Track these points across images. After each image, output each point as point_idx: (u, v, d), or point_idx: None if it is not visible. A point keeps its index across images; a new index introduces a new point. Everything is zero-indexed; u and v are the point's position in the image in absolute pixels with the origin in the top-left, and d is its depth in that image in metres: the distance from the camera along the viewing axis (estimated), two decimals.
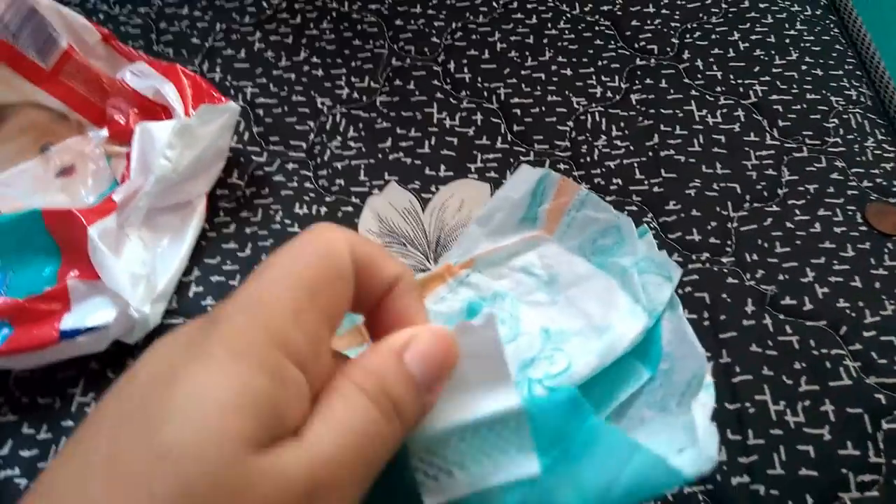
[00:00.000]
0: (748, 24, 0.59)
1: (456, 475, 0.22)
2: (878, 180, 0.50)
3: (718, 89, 0.55)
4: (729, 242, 0.47)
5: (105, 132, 0.50)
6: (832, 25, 0.60)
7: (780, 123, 0.53)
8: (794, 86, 0.55)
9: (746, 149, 0.51)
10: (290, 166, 0.50)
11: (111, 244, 0.41)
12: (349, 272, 0.21)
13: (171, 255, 0.44)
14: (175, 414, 0.16)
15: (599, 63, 0.57)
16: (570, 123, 0.53)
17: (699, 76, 0.56)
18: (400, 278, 0.22)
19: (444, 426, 0.22)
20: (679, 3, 0.61)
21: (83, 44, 0.49)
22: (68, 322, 0.38)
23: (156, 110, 0.48)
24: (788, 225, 0.47)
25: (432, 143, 0.52)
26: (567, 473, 0.22)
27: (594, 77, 0.56)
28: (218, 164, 0.48)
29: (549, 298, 0.40)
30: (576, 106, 0.54)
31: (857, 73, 0.57)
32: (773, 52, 0.57)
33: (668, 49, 0.58)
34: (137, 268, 0.41)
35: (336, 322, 0.20)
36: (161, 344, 0.19)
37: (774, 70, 0.56)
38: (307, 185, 0.50)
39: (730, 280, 0.45)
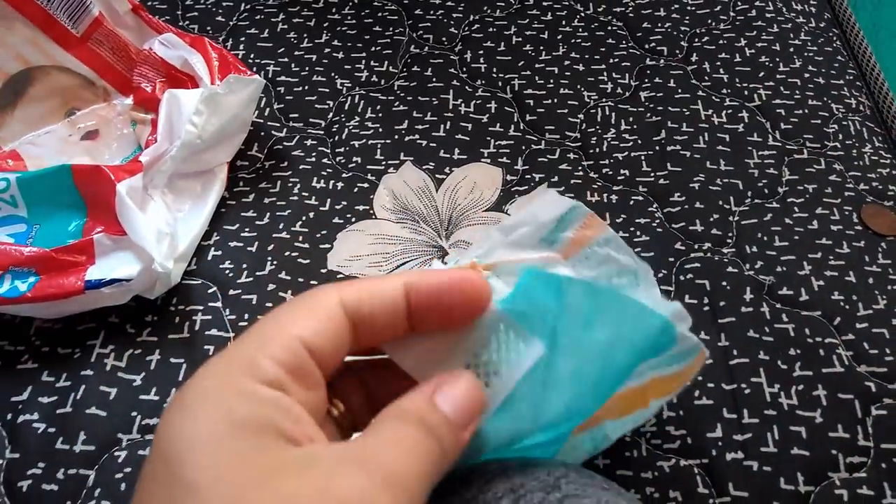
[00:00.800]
0: (755, 32, 0.61)
1: (501, 374, 0.24)
2: (875, 184, 0.52)
3: (724, 91, 0.57)
4: (730, 234, 0.48)
5: (130, 100, 0.52)
6: (835, 38, 0.63)
7: (783, 126, 0.55)
8: (797, 92, 0.57)
9: (749, 148, 0.53)
10: (309, 142, 0.52)
11: (137, 203, 0.42)
12: (325, 304, 0.22)
13: (192, 219, 0.46)
14: (187, 454, 0.18)
15: (611, 60, 0.59)
16: (581, 116, 0.55)
17: (706, 78, 0.58)
18: (407, 283, 0.23)
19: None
20: (689, 8, 0.63)
21: (113, 12, 0.51)
22: (93, 274, 0.40)
23: (182, 80, 0.49)
24: (787, 221, 0.49)
25: (447, 127, 0.53)
26: (573, 345, 0.25)
27: (605, 73, 0.58)
28: (240, 135, 0.49)
29: None
30: (587, 100, 0.56)
31: (857, 83, 0.59)
32: (777, 59, 0.59)
33: (677, 51, 0.60)
34: (162, 226, 0.42)
35: (321, 343, 0.21)
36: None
37: (778, 76, 0.58)
38: (325, 161, 0.51)
39: (730, 269, 0.47)
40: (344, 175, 0.50)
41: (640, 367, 0.32)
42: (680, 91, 0.57)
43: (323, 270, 0.45)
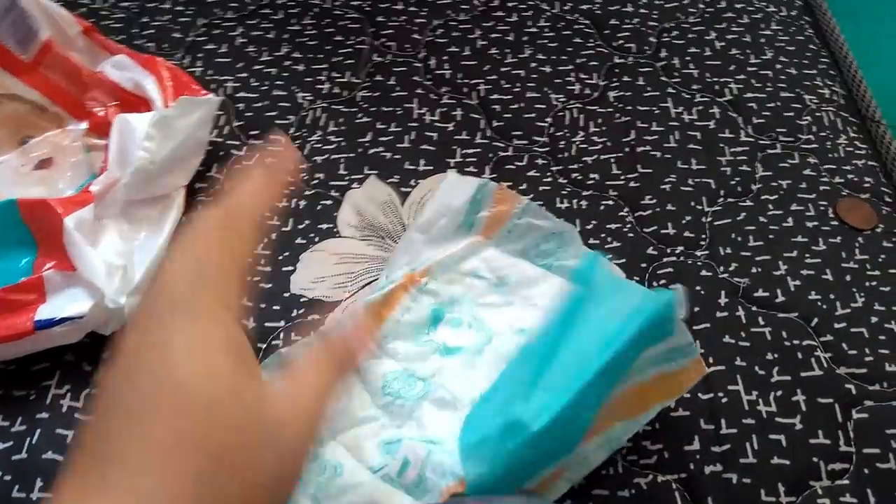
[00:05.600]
0: (724, 24, 0.60)
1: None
2: (850, 176, 0.51)
3: (694, 87, 0.56)
4: (703, 236, 0.47)
5: (84, 125, 0.50)
6: (807, 26, 0.61)
7: (755, 121, 0.54)
8: (769, 84, 0.56)
9: (721, 145, 0.52)
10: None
11: (88, 235, 0.41)
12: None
13: (148, 248, 0.44)
14: (182, 358, 0.21)
15: (578, 60, 0.57)
16: (549, 119, 0.54)
17: (676, 74, 0.57)
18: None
19: None
20: (657, 2, 0.62)
21: (63, 35, 0.49)
22: (44, 313, 0.38)
23: (135, 103, 0.47)
24: (761, 219, 0.48)
25: (412, 137, 0.52)
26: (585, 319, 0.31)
27: (573, 74, 0.56)
28: (197, 157, 0.48)
29: (502, 300, 0.42)
30: (554, 102, 0.55)
31: (831, 72, 0.58)
32: (748, 51, 0.58)
33: (646, 47, 0.59)
34: (114, 259, 0.41)
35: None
36: (136, 323, 0.22)
37: (749, 69, 0.57)
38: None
39: (703, 273, 0.46)
40: (307, 193, 0.49)
41: (642, 361, 0.34)
42: (649, 89, 0.55)
43: (286, 294, 0.44)
